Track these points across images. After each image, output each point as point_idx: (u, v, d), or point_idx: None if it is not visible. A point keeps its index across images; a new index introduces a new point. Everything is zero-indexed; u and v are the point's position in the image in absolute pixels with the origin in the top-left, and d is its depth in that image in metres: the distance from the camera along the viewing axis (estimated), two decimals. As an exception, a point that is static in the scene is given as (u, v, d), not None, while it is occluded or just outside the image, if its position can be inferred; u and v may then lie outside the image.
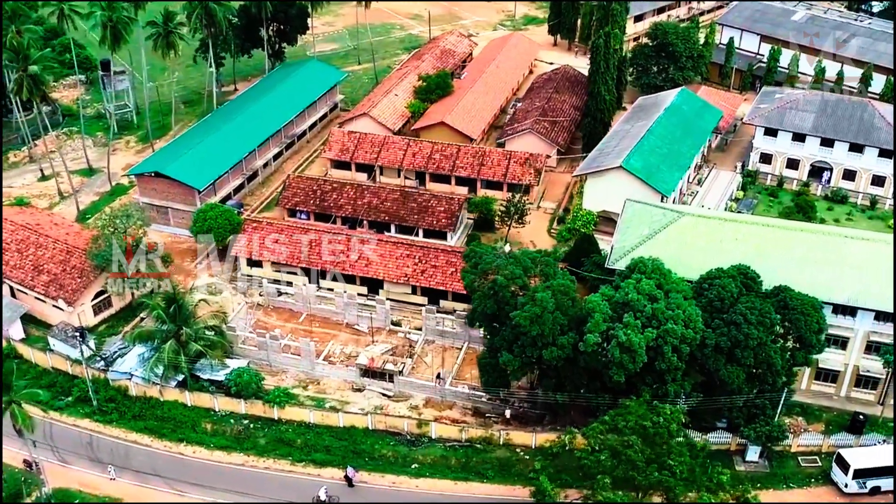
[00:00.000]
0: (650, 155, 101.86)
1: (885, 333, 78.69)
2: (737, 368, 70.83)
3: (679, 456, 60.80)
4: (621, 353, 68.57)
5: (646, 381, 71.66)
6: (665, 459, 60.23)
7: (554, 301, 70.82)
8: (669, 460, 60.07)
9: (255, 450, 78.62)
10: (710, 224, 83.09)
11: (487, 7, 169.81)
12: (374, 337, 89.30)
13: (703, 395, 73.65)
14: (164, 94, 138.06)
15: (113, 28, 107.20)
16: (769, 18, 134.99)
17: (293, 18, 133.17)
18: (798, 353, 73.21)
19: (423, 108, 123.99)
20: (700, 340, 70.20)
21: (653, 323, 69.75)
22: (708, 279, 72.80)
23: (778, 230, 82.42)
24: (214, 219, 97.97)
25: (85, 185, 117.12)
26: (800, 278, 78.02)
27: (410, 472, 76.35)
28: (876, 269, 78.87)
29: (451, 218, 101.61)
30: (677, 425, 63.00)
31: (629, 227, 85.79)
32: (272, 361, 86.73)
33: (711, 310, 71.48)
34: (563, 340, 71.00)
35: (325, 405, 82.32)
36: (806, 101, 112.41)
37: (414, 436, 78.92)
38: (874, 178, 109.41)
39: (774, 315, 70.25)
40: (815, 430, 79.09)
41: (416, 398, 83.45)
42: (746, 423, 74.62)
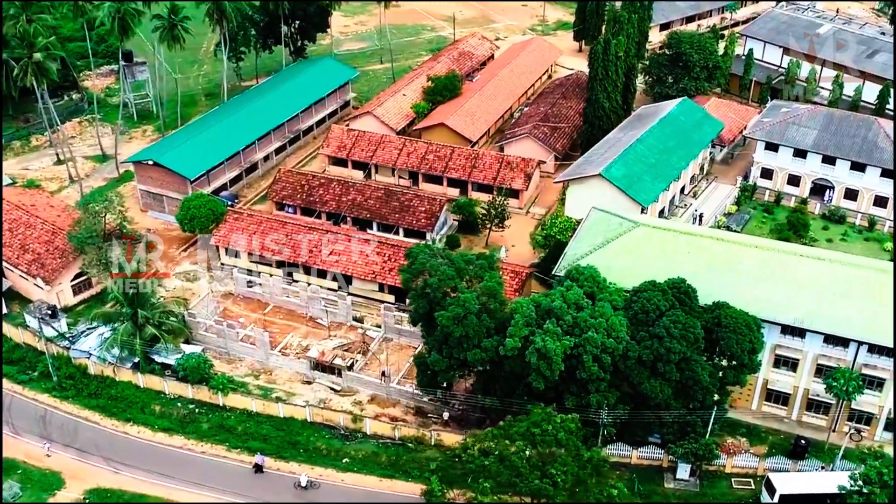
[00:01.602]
0: (635, 164, 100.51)
1: (834, 357, 76.18)
2: (661, 383, 69.57)
3: (563, 465, 60.02)
4: (539, 360, 68.06)
5: (570, 390, 70.99)
6: (548, 468, 59.56)
7: (479, 303, 70.66)
8: (552, 469, 59.37)
9: (197, 434, 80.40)
10: (663, 236, 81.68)
11: (521, 11, 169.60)
12: (334, 332, 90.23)
13: (633, 409, 72.39)
14: (189, 86, 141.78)
15: (121, 19, 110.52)
16: (794, 31, 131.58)
17: (312, 16, 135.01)
18: (729, 371, 71.44)
19: (427, 108, 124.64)
20: (623, 352, 69.14)
21: (575, 331, 69.05)
22: (637, 291, 71.61)
23: (732, 245, 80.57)
24: (198, 208, 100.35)
25: (96, 170, 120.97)
26: (748, 295, 76.27)
27: (340, 466, 77.11)
28: (829, 290, 76.53)
29: (430, 218, 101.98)
30: (566, 434, 62.12)
31: (586, 236, 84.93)
32: (230, 350, 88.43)
33: (637, 322, 70.35)
34: (487, 343, 70.89)
35: (271, 395, 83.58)
36: (809, 116, 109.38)
37: (349, 430, 79.66)
38: (876, 199, 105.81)
39: (699, 330, 68.69)
40: (756, 452, 77.03)
41: (362, 394, 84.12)
42: (677, 439, 73.11)
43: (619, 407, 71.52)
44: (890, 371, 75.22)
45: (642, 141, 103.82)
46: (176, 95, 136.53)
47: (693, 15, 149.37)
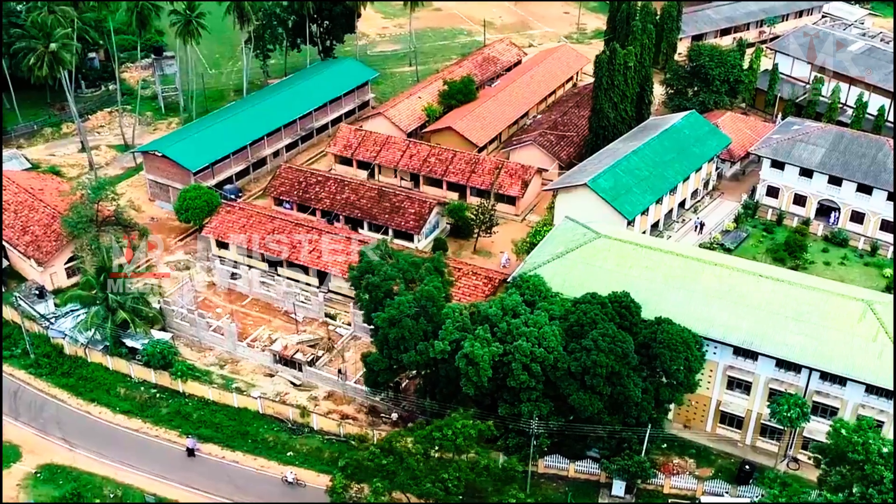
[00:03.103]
0: (626, 176, 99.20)
1: (786, 383, 73.97)
2: (591, 396, 68.61)
3: (456, 471, 59.77)
4: (467, 365, 67.94)
5: (504, 398, 70.67)
6: (441, 472, 59.41)
7: (417, 307, 70.87)
8: (444, 473, 59.19)
9: (154, 418, 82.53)
10: (623, 249, 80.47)
11: (562, 19, 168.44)
12: (304, 327, 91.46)
13: (569, 421, 71.58)
14: (221, 81, 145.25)
15: (139, 14, 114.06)
16: (824, 47, 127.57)
17: (338, 17, 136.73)
18: (665, 388, 70.07)
19: (439, 112, 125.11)
20: (553, 362, 68.47)
21: (507, 338, 68.69)
22: (576, 302, 70.80)
23: (690, 261, 78.85)
24: (193, 200, 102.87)
25: (116, 159, 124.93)
26: (700, 313, 74.91)
27: (284, 458, 78.22)
28: (783, 313, 74.35)
29: (419, 220, 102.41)
30: (465, 440, 61.80)
31: (549, 244, 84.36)
32: (201, 339, 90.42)
33: (572, 333, 69.57)
34: (422, 346, 70.99)
35: (232, 385, 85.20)
36: (819, 134, 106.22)
37: (297, 424, 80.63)
38: (882, 223, 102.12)
39: (629, 345, 67.55)
40: (702, 475, 75.30)
41: (320, 390, 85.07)
42: (612, 455, 72.04)
43: (552, 418, 70.71)
44: (843, 400, 72.62)
45: (637, 152, 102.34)
46: (213, 91, 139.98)
47: (728, 28, 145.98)
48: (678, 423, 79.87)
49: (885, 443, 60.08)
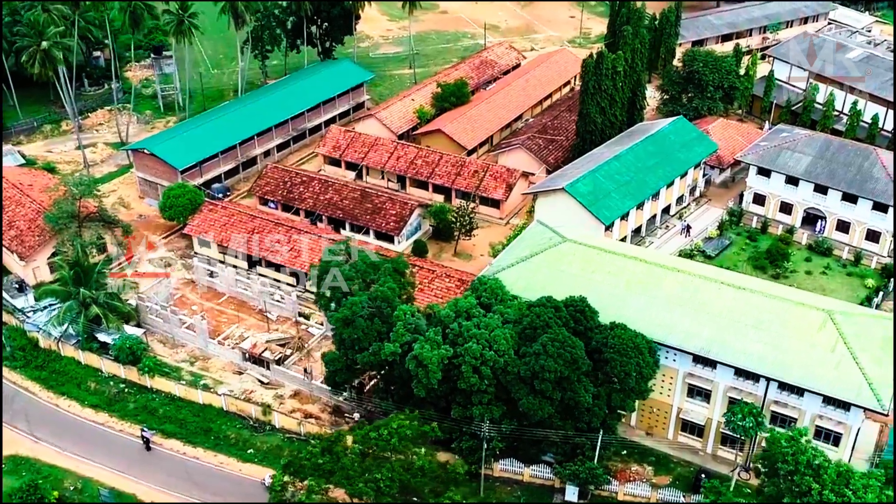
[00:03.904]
0: (606, 181, 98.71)
1: (745, 391, 73.17)
2: (541, 400, 68.26)
3: (389, 471, 59.79)
4: (417, 367, 67.93)
5: (457, 400, 70.59)
6: (374, 472, 59.45)
7: (369, 307, 70.98)
8: (377, 473, 59.24)
9: (121, 413, 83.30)
10: (587, 253, 80.00)
11: (567, 23, 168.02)
12: (277, 325, 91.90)
13: (523, 426, 71.27)
14: (223, 81, 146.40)
15: (132, 13, 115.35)
16: (821, 54, 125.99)
17: (336, 19, 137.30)
18: (616, 394, 69.57)
19: (430, 114, 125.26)
20: (503, 365, 68.25)
21: (458, 340, 68.59)
22: (530, 306, 70.51)
23: (654, 267, 78.19)
24: (177, 198, 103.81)
25: (112, 157, 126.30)
26: (659, 319, 74.40)
27: (244, 455, 78.58)
28: (743, 321, 73.54)
29: (399, 222, 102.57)
30: (401, 440, 61.78)
31: (516, 248, 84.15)
32: (174, 335, 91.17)
33: (524, 337, 69.31)
34: (375, 347, 71.06)
35: (200, 382, 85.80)
36: (806, 142, 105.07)
37: (258, 422, 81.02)
38: (868, 233, 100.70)
39: (579, 350, 67.13)
40: (659, 483, 74.66)
41: (286, 388, 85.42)
42: (565, 460, 71.65)
43: (505, 421, 70.46)
44: (801, 410, 71.72)
45: (619, 157, 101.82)
46: (212, 90, 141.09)
47: (730, 34, 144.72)
48: (640, 429, 79.26)
49: (817, 454, 59.16)
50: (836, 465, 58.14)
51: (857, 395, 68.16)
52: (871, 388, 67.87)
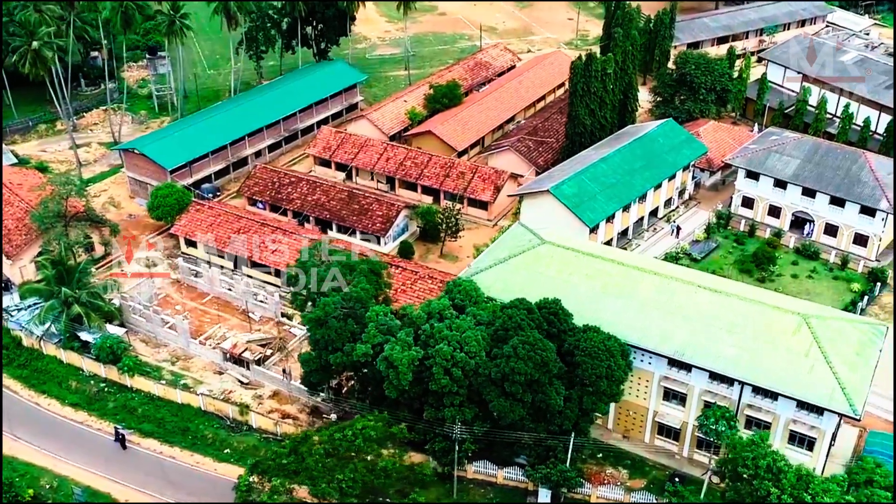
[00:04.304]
0: (591, 183, 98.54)
1: (719, 395, 72.84)
2: (512, 402, 68.08)
3: (352, 472, 59.79)
4: (387, 368, 67.90)
5: (429, 402, 70.54)
6: (337, 473, 59.49)
7: (342, 308, 70.99)
8: (339, 474, 59.28)
9: (100, 412, 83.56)
10: (565, 255, 79.77)
11: (565, 25, 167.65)
12: (260, 326, 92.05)
13: (496, 428, 71.08)
14: (219, 82, 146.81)
15: (123, 13, 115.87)
16: (816, 57, 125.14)
17: (330, 20, 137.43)
18: (588, 397, 69.34)
19: (422, 115, 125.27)
20: (475, 367, 68.13)
21: (430, 342, 68.52)
22: (503, 308, 70.35)
23: (631, 270, 77.86)
24: (164, 198, 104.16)
25: (105, 156, 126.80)
26: (635, 322, 74.16)
27: (220, 455, 78.66)
28: (718, 325, 73.15)
29: (385, 223, 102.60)
30: (365, 441, 61.77)
31: (496, 249, 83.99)
32: (157, 335, 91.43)
33: (496, 339, 69.16)
34: (348, 348, 71.08)
35: (180, 381, 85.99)
36: (794, 145, 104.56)
37: (235, 422, 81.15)
38: (856, 237, 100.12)
39: (550, 353, 66.90)
40: (634, 486, 74.38)
41: (266, 389, 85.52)
42: (538, 463, 71.46)
43: (477, 423, 70.32)
44: (775, 414, 71.33)
45: (606, 160, 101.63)
46: (209, 91, 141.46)
47: (726, 36, 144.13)
48: (618, 432, 79.01)
49: (777, 458, 58.76)
50: (796, 470, 57.81)
51: (830, 400, 67.72)
52: (843, 393, 67.42)
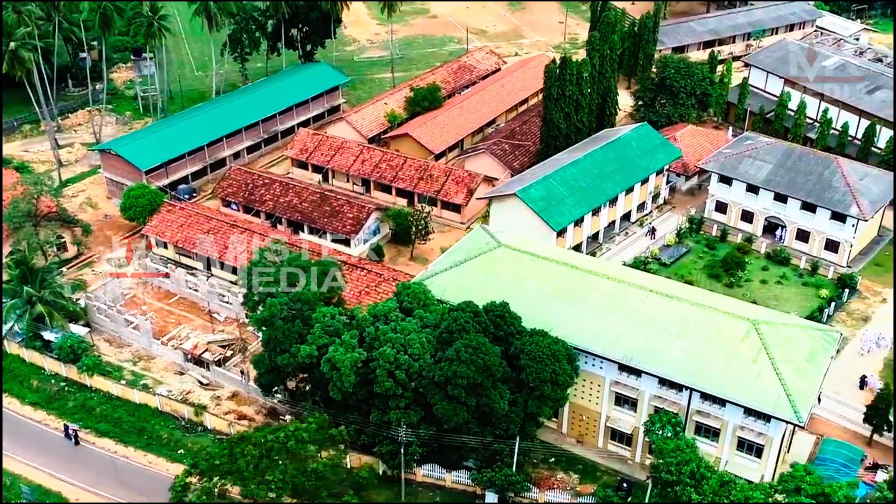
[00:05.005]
0: (560, 186, 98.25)
1: (669, 401, 72.36)
2: (455, 406, 67.87)
3: (282, 473, 59.79)
4: (331, 370, 67.85)
5: (375, 404, 70.46)
6: (268, 474, 59.50)
7: (289, 309, 71.01)
8: (269, 475, 59.32)
9: (60, 411, 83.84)
10: (520, 259, 79.49)
11: (556, 29, 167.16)
12: (223, 327, 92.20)
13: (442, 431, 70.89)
14: (206, 83, 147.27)
15: (102, 14, 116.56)
16: (799, 62, 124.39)
17: (314, 22, 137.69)
18: (532, 402, 69.02)
19: (401, 117, 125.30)
20: (419, 370, 67.97)
21: (375, 344, 68.43)
22: (450, 310, 70.15)
23: (584, 274, 77.50)
24: (136, 198, 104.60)
25: (86, 157, 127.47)
26: (585, 326, 73.81)
27: (173, 456, 78.68)
28: (667, 330, 72.68)
29: (356, 225, 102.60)
30: (296, 443, 61.72)
31: (454, 253, 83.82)
32: (120, 334, 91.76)
33: (442, 342, 68.97)
34: (294, 349, 71.07)
35: (139, 382, 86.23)
36: (767, 150, 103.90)
37: (190, 423, 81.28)
38: (827, 243, 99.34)
39: (493, 357, 66.61)
40: (583, 491, 73.97)
41: (225, 390, 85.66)
42: (484, 466, 71.20)
43: (423, 426, 70.15)
44: (723, 420, 70.79)
45: (576, 163, 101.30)
46: (194, 92, 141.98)
47: (712, 40, 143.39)
48: (572, 437, 78.64)
49: (703, 464, 58.25)
50: (719, 476, 57.30)
51: (775, 407, 67.14)
52: (789, 400, 66.79)
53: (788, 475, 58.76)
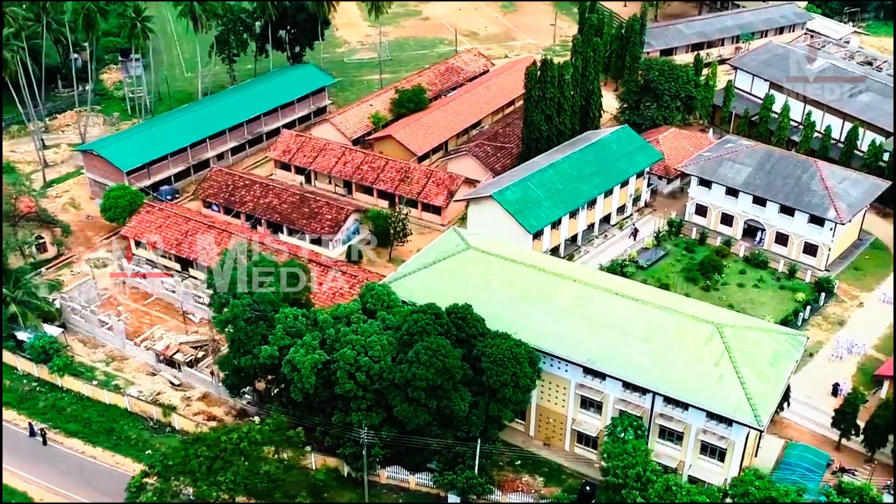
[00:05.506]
0: (537, 189, 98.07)
1: (633, 404, 72.10)
2: (416, 408, 67.77)
3: (233, 475, 59.81)
4: (291, 371, 67.84)
5: (338, 406, 70.43)
6: (219, 475, 59.55)
7: (253, 310, 71.03)
8: (220, 476, 59.35)
9: (30, 411, 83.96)
10: (489, 261, 79.31)
11: (547, 31, 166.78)
12: (197, 328, 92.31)
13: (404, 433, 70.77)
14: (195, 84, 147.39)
15: (86, 15, 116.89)
16: (784, 65, 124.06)
17: (302, 24, 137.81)
18: (493, 404, 68.86)
19: (385, 119, 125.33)
20: (379, 371, 67.89)
21: (336, 346, 68.40)
22: (412, 312, 70.05)
23: (551, 277, 77.29)
24: (116, 199, 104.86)
25: (72, 157, 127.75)
26: (551, 329, 73.59)
27: (140, 457, 78.62)
28: (632, 333, 72.42)
29: (334, 227, 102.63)
30: (249, 444, 61.74)
31: (425, 254, 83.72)
32: (95, 335, 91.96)
33: (403, 343, 68.89)
34: (257, 351, 71.08)
35: (111, 382, 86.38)
36: (747, 153, 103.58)
37: (159, 424, 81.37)
38: (806, 246, 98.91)
39: (452, 360, 66.45)
40: (548, 493, 73.77)
41: (196, 391, 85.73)
42: (446, 469, 71.07)
43: (385, 428, 70.05)
44: (686, 424, 70.50)
45: (554, 166, 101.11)
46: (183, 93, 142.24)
47: (700, 43, 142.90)
48: (539, 440, 78.43)
49: (649, 468, 57.98)
50: (664, 480, 57.03)
51: (736, 411, 66.79)
52: (749, 404, 66.43)
53: (737, 479, 58.41)
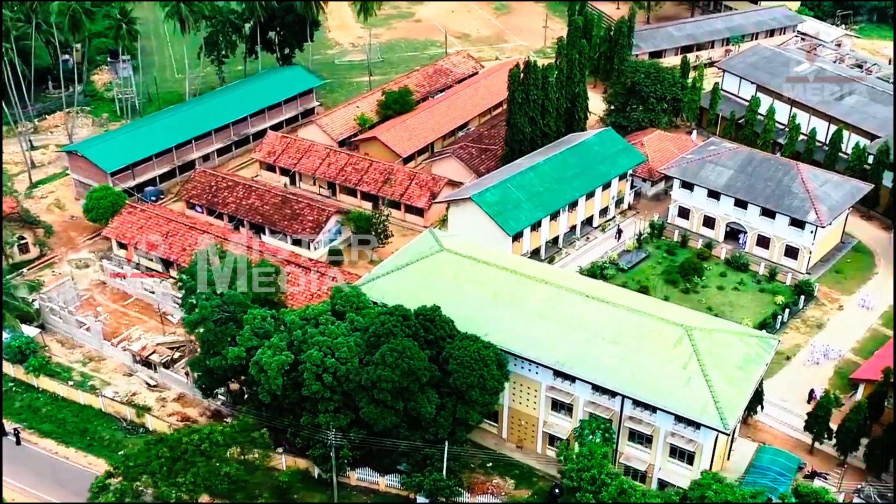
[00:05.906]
0: (517, 191, 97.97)
1: (601, 406, 71.95)
2: (382, 410, 67.72)
3: (193, 476, 59.88)
4: (259, 373, 67.85)
5: (305, 407, 70.42)
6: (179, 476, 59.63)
7: (222, 311, 71.07)
8: (180, 477, 59.43)
9: (6, 411, 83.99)
10: (461, 263, 79.22)
11: (539, 34, 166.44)
12: (175, 328, 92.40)
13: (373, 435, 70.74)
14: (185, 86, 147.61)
15: (72, 17, 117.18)
16: (771, 67, 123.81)
17: (290, 25, 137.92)
18: (460, 406, 68.77)
19: (371, 121, 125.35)
20: (346, 373, 67.86)
21: (303, 347, 68.40)
22: (379, 314, 70.01)
23: (523, 279, 77.16)
24: (98, 200, 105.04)
25: (59, 158, 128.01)
26: (521, 331, 73.58)
27: (113, 458, 78.42)
28: (601, 336, 72.29)
29: (316, 227, 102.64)
30: (210, 445, 61.80)
31: (399, 256, 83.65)
32: (73, 335, 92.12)
33: (370, 345, 68.84)
34: (225, 352, 71.11)
35: (87, 383, 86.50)
36: (729, 155, 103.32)
37: (132, 424, 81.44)
38: (787, 249, 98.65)
39: (418, 362, 66.38)
40: (519, 495, 73.65)
41: (171, 392, 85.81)
42: (415, 470, 71.01)
43: (354, 430, 70.01)
44: (655, 427, 70.32)
45: (535, 168, 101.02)
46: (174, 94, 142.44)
47: (690, 45, 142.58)
48: (511, 442, 78.32)
49: (604, 471, 57.84)
50: (618, 483, 56.87)
51: (702, 414, 66.62)
52: (716, 407, 66.24)
53: (695, 483, 58.28)
